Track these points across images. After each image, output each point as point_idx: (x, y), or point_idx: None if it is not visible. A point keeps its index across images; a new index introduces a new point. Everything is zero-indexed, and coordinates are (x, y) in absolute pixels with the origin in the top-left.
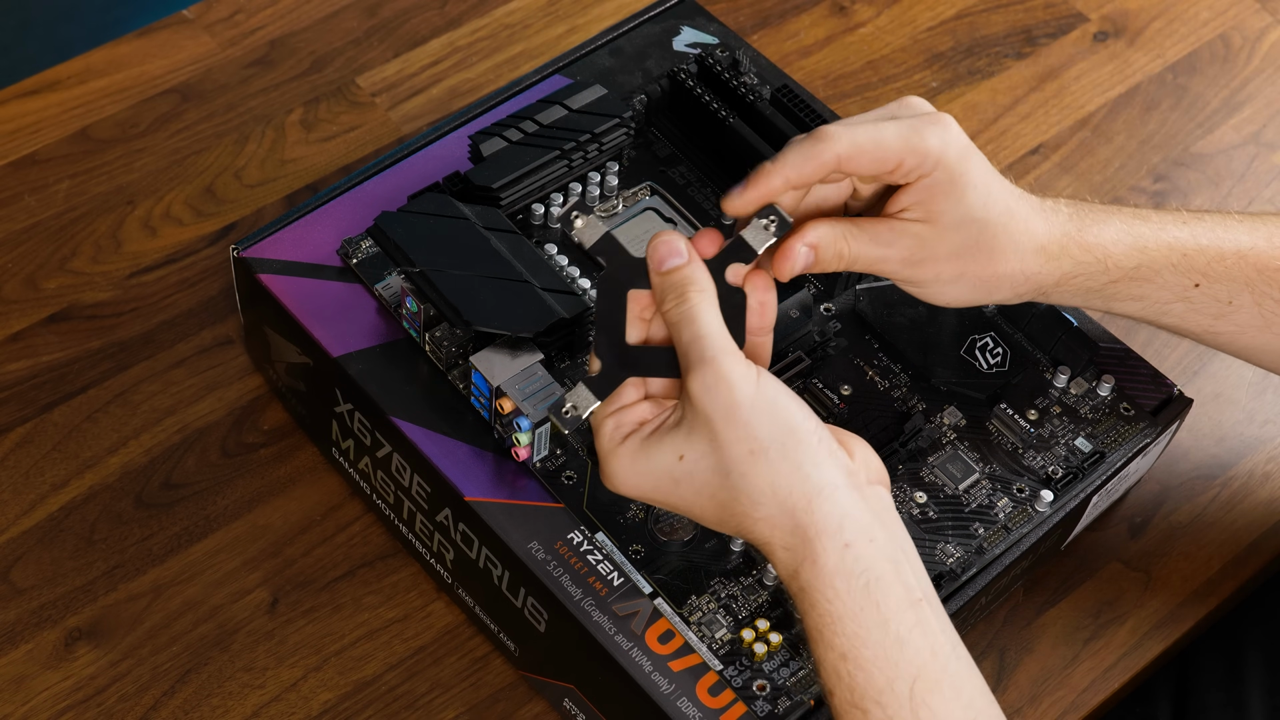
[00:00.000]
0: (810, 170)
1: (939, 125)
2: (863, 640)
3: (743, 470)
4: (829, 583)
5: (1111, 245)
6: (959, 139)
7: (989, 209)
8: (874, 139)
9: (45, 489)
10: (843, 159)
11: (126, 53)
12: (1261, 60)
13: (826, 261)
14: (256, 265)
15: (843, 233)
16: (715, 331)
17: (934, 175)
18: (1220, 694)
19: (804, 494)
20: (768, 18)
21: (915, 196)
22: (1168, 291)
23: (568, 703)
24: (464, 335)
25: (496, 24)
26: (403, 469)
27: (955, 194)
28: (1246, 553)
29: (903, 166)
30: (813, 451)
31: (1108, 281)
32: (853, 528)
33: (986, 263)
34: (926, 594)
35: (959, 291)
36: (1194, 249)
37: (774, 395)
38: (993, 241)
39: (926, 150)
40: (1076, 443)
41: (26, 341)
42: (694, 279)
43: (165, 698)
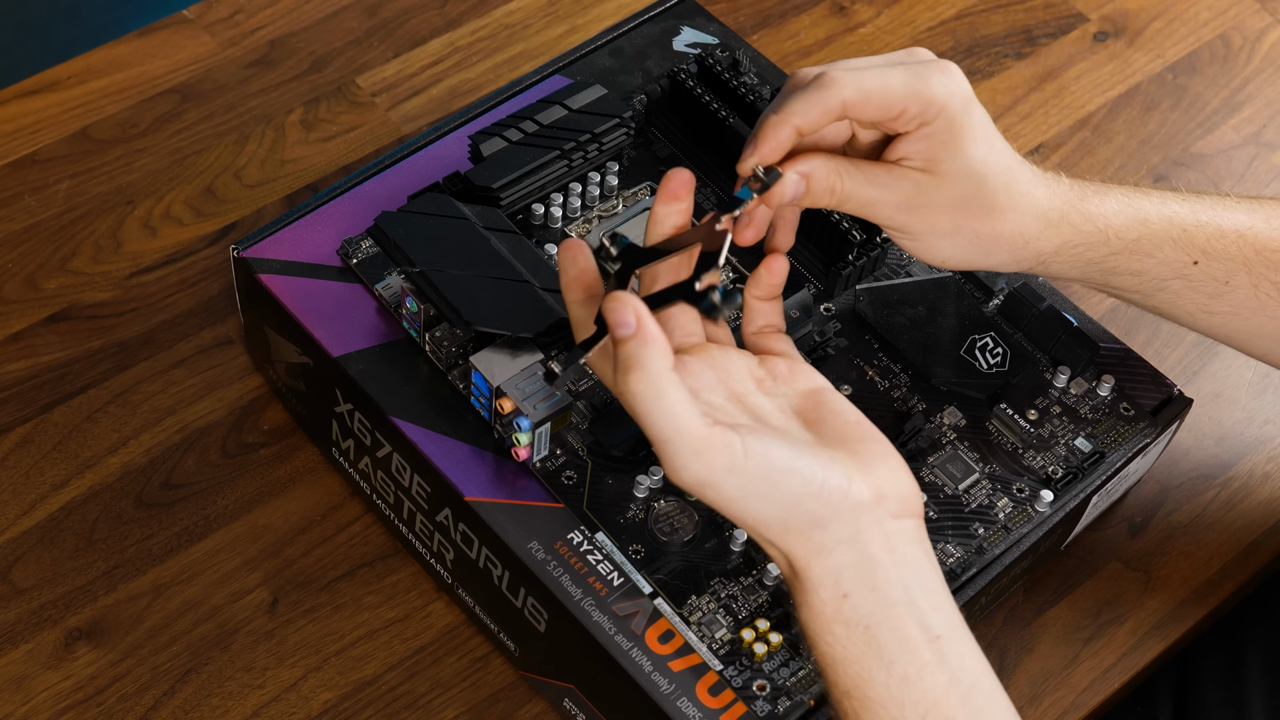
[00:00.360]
0: (816, 117)
1: (944, 73)
2: (867, 681)
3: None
4: (827, 628)
5: (1113, 216)
6: (963, 88)
7: (989, 164)
8: (880, 85)
9: (45, 489)
10: (849, 105)
11: (126, 53)
12: (1261, 60)
13: (818, 194)
14: (256, 265)
15: (837, 167)
16: (674, 406)
17: (936, 123)
18: (1221, 693)
19: (803, 554)
20: (768, 18)
21: (915, 145)
22: (1167, 267)
23: (568, 703)
24: (464, 335)
25: (496, 24)
26: (403, 469)
27: (955, 144)
28: (1246, 553)
29: (906, 113)
30: (817, 515)
31: (1108, 253)
32: (852, 579)
33: (984, 219)
34: (947, 629)
35: (954, 248)
36: (1194, 225)
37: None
38: (991, 198)
39: (931, 96)
40: (1076, 443)
41: (26, 341)
42: (639, 355)
43: (165, 698)
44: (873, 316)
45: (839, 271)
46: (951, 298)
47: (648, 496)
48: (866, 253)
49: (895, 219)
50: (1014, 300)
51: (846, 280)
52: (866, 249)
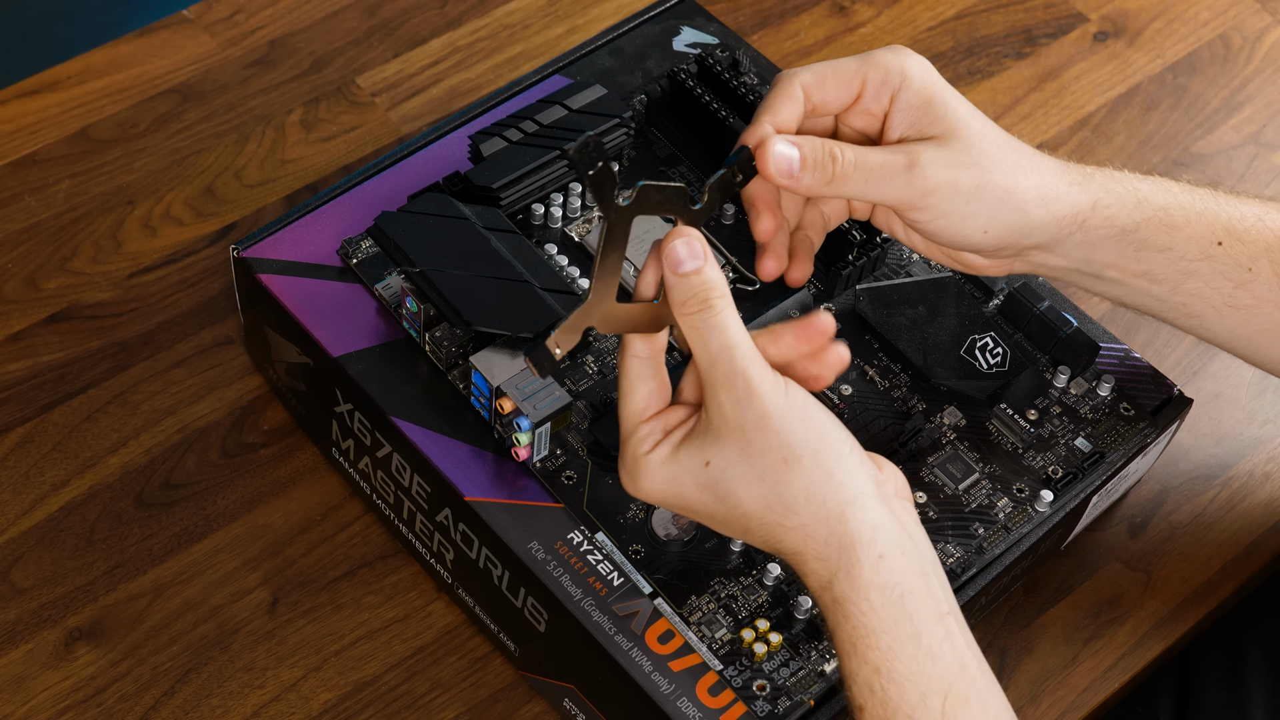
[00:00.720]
0: (784, 109)
1: (891, 49)
2: (896, 654)
3: (775, 478)
4: (864, 594)
5: (1139, 183)
6: (917, 58)
7: (980, 117)
8: (831, 65)
9: (45, 489)
10: (807, 87)
11: (126, 53)
12: (1261, 60)
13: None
14: (256, 265)
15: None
16: (743, 341)
17: (904, 92)
18: (1222, 693)
19: (838, 502)
20: (768, 18)
21: (899, 116)
22: (1194, 245)
23: (568, 703)
24: (464, 335)
25: (496, 24)
26: (403, 469)
27: (935, 103)
28: (1246, 553)
29: (867, 84)
30: (845, 459)
31: (1141, 219)
32: (886, 538)
33: (1001, 171)
34: (952, 608)
35: (986, 209)
36: (1215, 205)
37: (804, 404)
38: (998, 148)
39: (885, 63)
40: (1076, 443)
41: (26, 341)
42: (714, 284)
43: (165, 698)
44: (873, 316)
45: (839, 271)
46: (951, 298)
47: None
48: (866, 253)
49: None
50: (1014, 300)
51: (846, 280)
52: (866, 249)
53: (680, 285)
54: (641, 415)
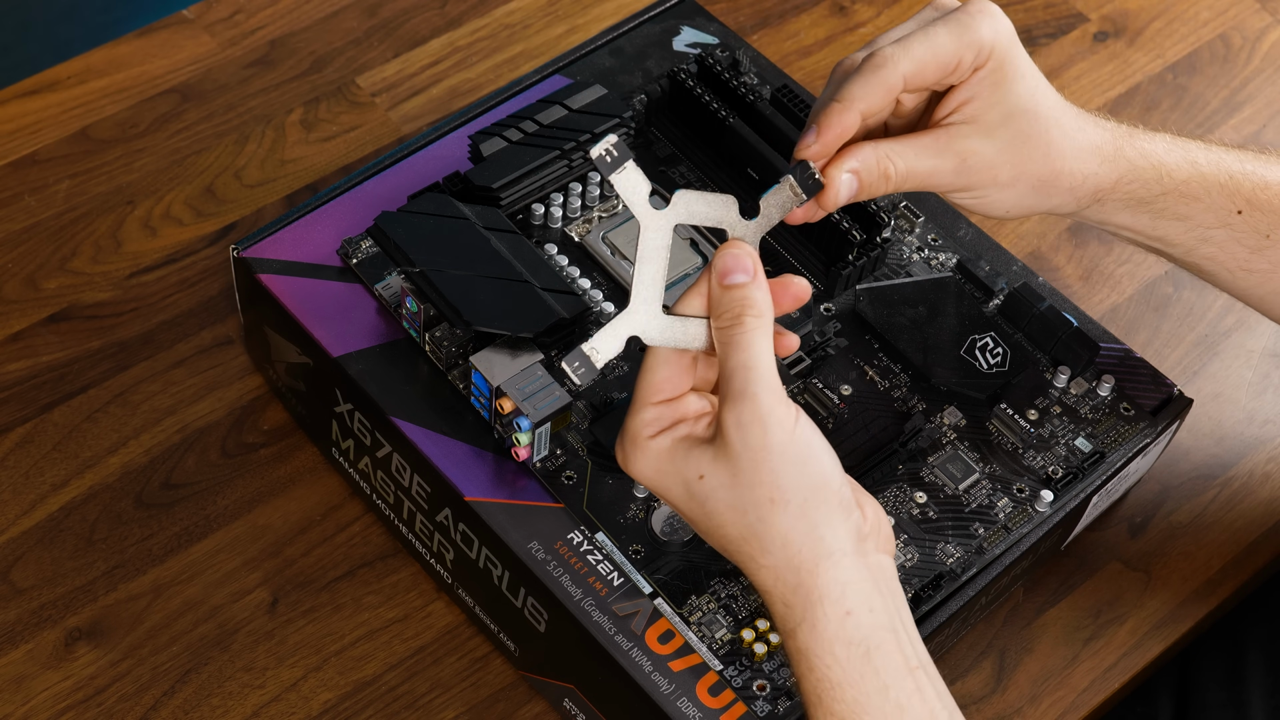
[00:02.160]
0: (880, 97)
1: (987, 15)
2: (863, 707)
3: (759, 515)
4: (829, 649)
5: (1164, 154)
6: (1008, 26)
7: (1038, 99)
8: (930, 49)
9: (45, 489)
10: (909, 78)
11: (126, 53)
12: (1261, 60)
13: (873, 185)
14: (256, 265)
15: (886, 152)
16: (763, 364)
17: (987, 66)
18: (1221, 693)
19: (813, 556)
20: (768, 18)
21: (965, 94)
22: (1212, 214)
23: (568, 703)
24: (464, 335)
25: (496, 24)
26: (403, 469)
27: (1005, 84)
28: (1246, 553)
29: (962, 64)
30: (830, 513)
31: (1160, 192)
32: (855, 595)
33: (1042, 159)
34: (923, 662)
35: (1017, 196)
36: (1240, 173)
37: (807, 444)
38: (1045, 135)
39: (981, 41)
40: (1076, 443)
41: (26, 341)
42: (753, 302)
43: (165, 698)
44: (873, 316)
45: (839, 271)
46: (951, 298)
47: (648, 496)
48: (866, 253)
49: (956, 182)
50: (1014, 300)
51: (846, 280)
52: (866, 249)
53: (722, 296)
54: (654, 396)
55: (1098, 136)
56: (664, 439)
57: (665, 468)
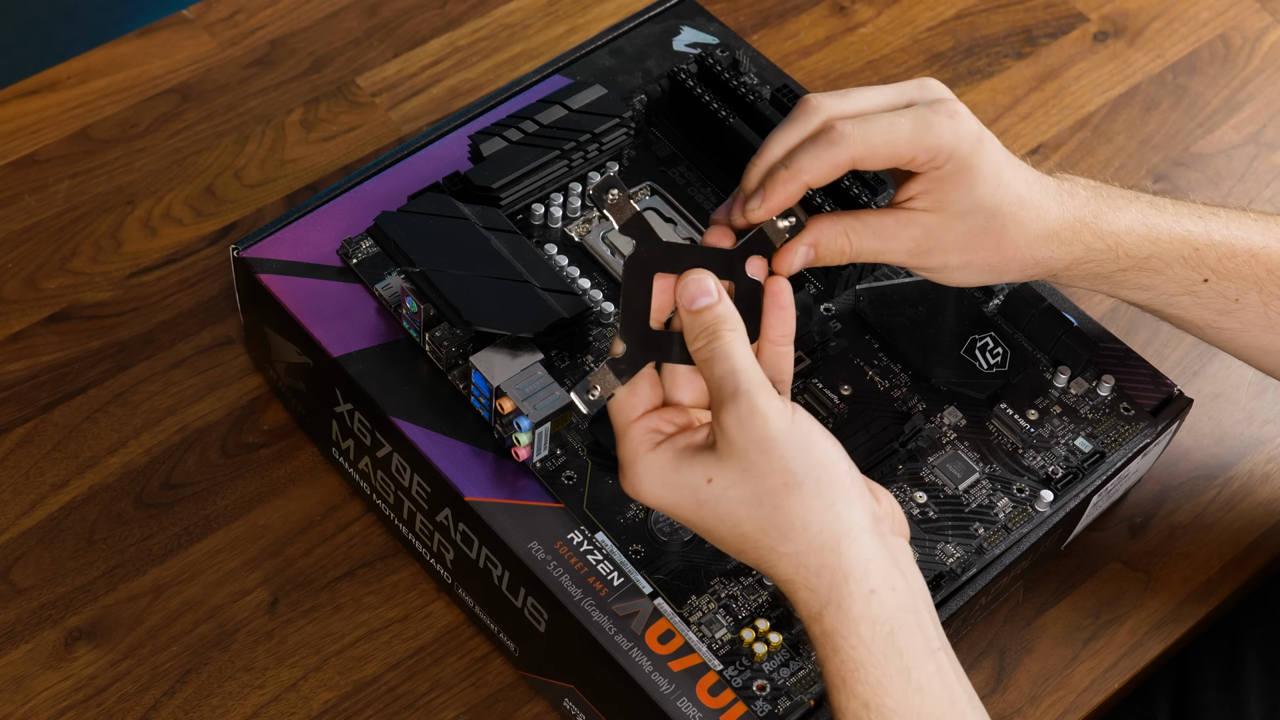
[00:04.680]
0: (825, 173)
1: (951, 118)
2: (885, 689)
3: (775, 503)
4: (854, 628)
5: (1125, 235)
6: (971, 131)
7: (998, 198)
8: (887, 138)
9: (45, 489)
10: (857, 160)
11: (126, 53)
12: (1261, 60)
13: (828, 258)
14: (256, 265)
15: (844, 229)
16: (749, 366)
17: (945, 167)
18: (1219, 693)
19: (834, 534)
20: (768, 18)
21: (924, 185)
22: (1176, 284)
23: (568, 703)
24: (464, 335)
25: (496, 24)
26: (403, 469)
27: (965, 184)
28: (1246, 553)
29: (916, 160)
30: (845, 491)
31: (1117, 269)
32: (878, 574)
33: (995, 250)
34: (943, 644)
35: (967, 276)
36: (1206, 244)
37: (808, 431)
38: (1001, 229)
39: (939, 146)
40: (1076, 443)
41: (26, 341)
42: (725, 318)
43: (165, 698)
44: (873, 316)
45: (839, 271)
46: (951, 298)
47: None
48: None
49: (910, 261)
50: (1014, 300)
51: (846, 280)
52: None
53: (693, 322)
54: (632, 413)
55: (1058, 220)
56: (664, 451)
57: (670, 479)
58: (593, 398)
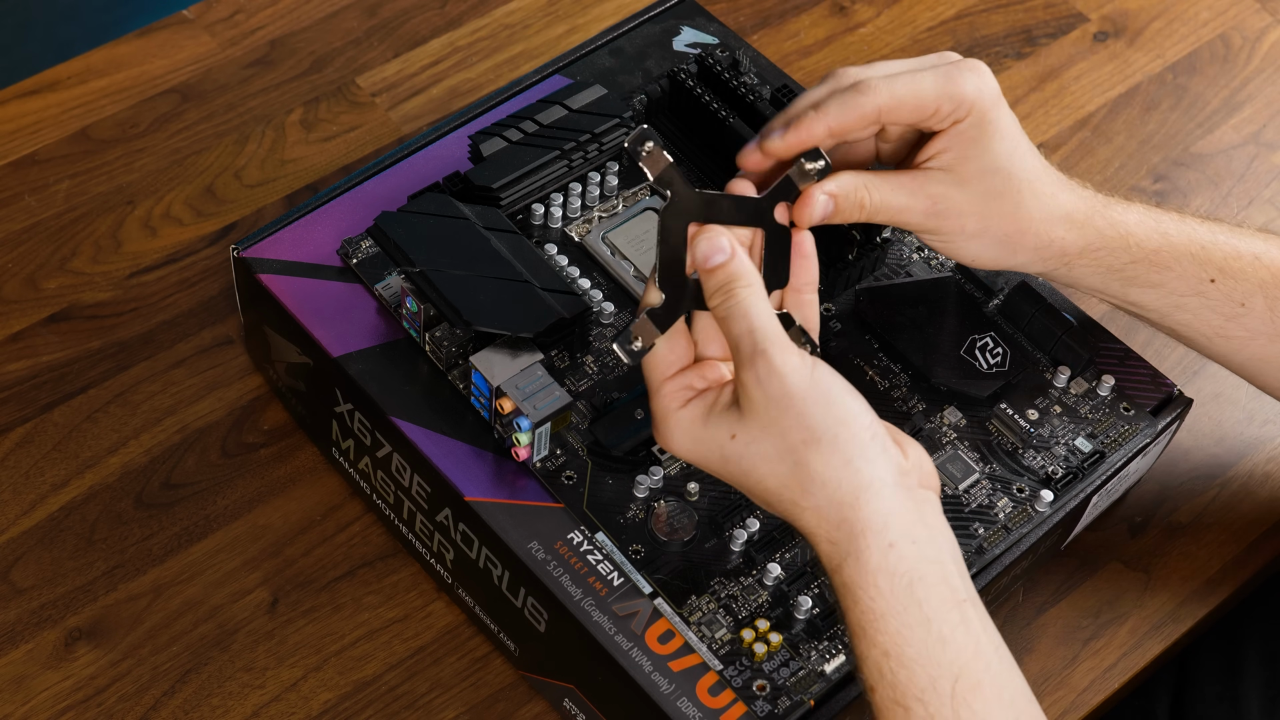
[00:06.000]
0: (851, 121)
1: (974, 71)
2: (905, 639)
3: (795, 458)
4: (872, 580)
5: (1135, 225)
6: (992, 87)
7: (1014, 161)
8: (912, 90)
9: (45, 489)
10: (883, 110)
11: (126, 53)
12: (1261, 60)
13: (847, 211)
14: (256, 265)
15: (864, 182)
16: (766, 323)
17: (966, 120)
18: (1217, 687)
19: (852, 488)
20: (768, 18)
21: (944, 143)
22: (1184, 283)
23: (568, 703)
24: (464, 335)
25: (496, 24)
26: (403, 469)
27: (983, 141)
28: (1246, 553)
29: (940, 112)
30: (865, 446)
31: (1129, 261)
32: (897, 527)
33: (1011, 217)
34: (971, 596)
35: (981, 248)
36: (1211, 243)
37: (828, 386)
38: (1017, 195)
39: (962, 95)
40: (1076, 443)
41: (26, 341)
42: (739, 274)
43: (165, 698)
44: (873, 316)
45: (839, 271)
46: (951, 298)
47: (648, 496)
48: (866, 253)
49: (925, 223)
50: (1014, 300)
51: (846, 280)
52: (866, 249)
53: (709, 279)
54: (667, 371)
55: (1070, 204)
56: (694, 407)
57: (700, 435)
58: (635, 348)
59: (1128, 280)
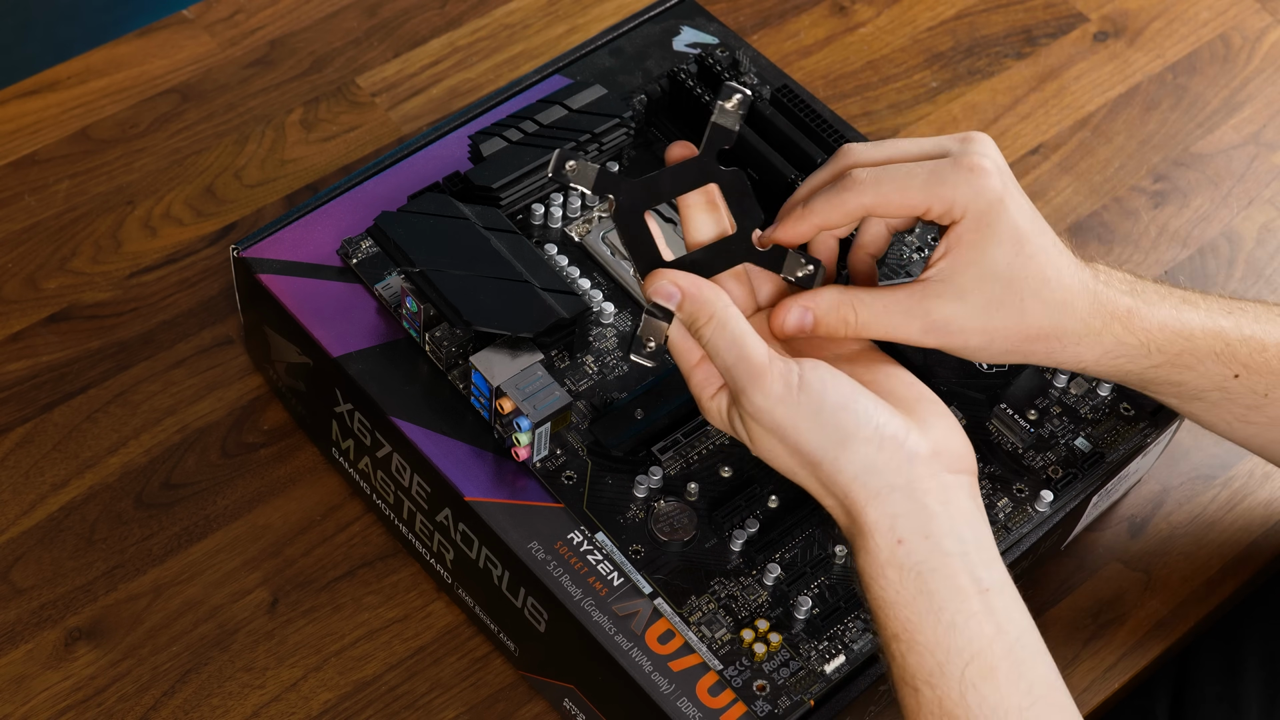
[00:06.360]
0: (838, 218)
1: (970, 171)
2: (915, 625)
3: (805, 474)
4: (881, 572)
5: (1158, 331)
6: (990, 186)
7: (1015, 268)
8: (898, 189)
9: (45, 489)
10: (869, 207)
11: (126, 53)
12: (1261, 60)
13: (831, 327)
14: (256, 265)
15: (851, 300)
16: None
17: (962, 224)
18: (1217, 686)
19: (859, 500)
20: (768, 18)
21: (945, 246)
22: (1207, 380)
23: (568, 703)
24: (464, 335)
25: (496, 24)
26: (403, 469)
27: (981, 245)
28: (1246, 553)
29: (931, 213)
30: (869, 455)
31: (1149, 365)
32: (906, 525)
33: (1016, 329)
34: (997, 584)
35: (992, 355)
36: (1238, 339)
37: (817, 398)
38: (1019, 304)
39: (952, 198)
40: (1076, 443)
41: (26, 341)
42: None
43: (165, 698)
44: None
45: (839, 270)
46: None
47: (648, 496)
48: None
49: (925, 340)
50: None
51: (847, 280)
52: None
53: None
54: (690, 359)
55: (1085, 311)
56: (720, 400)
57: (729, 424)
58: (650, 349)
59: (1148, 380)
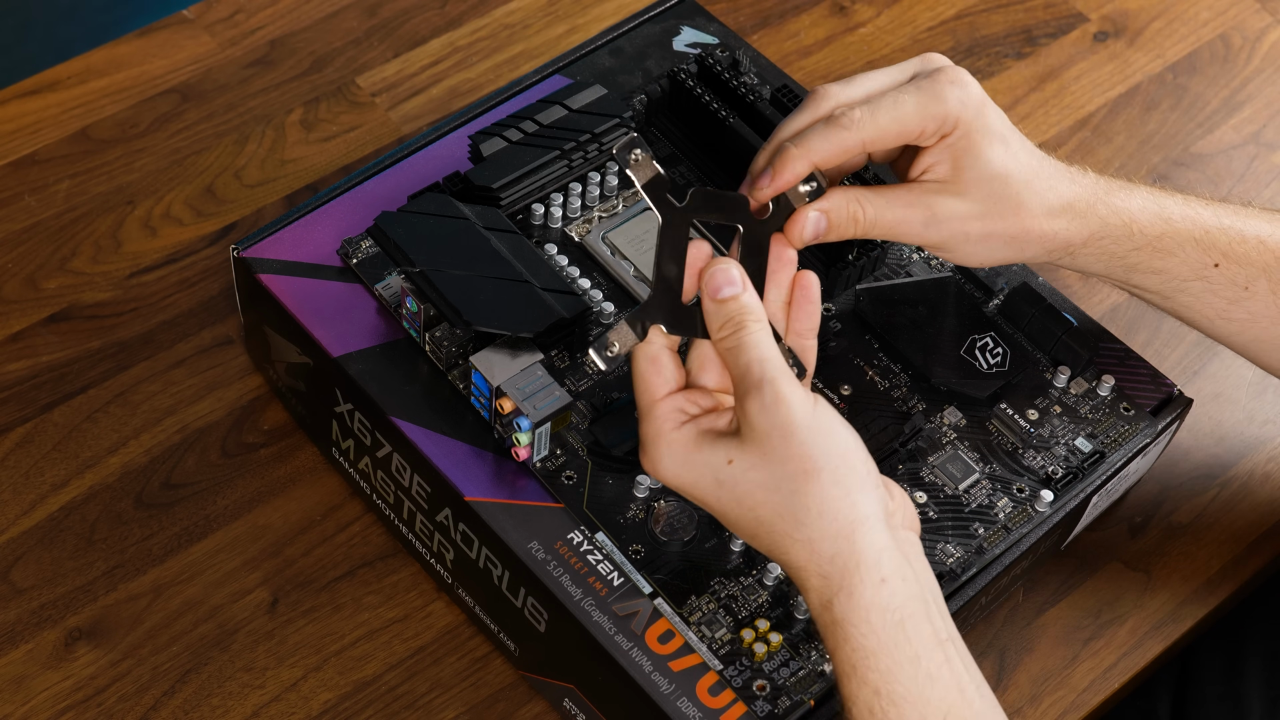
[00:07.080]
0: (834, 154)
1: (955, 84)
2: (895, 677)
3: (793, 488)
4: (864, 616)
5: (1138, 212)
6: (975, 95)
7: (1009, 164)
8: (895, 117)
9: (45, 489)
10: (868, 143)
11: (126, 53)
12: (1261, 60)
13: (841, 227)
14: (256, 265)
15: (856, 196)
16: (773, 356)
17: (954, 134)
18: (1219, 686)
19: (849, 522)
20: (768, 18)
21: (936, 156)
22: (1188, 268)
23: (568, 703)
24: (464, 335)
25: (496, 24)
26: (403, 469)
27: (975, 150)
28: (1246, 553)
29: (925, 132)
30: (862, 481)
31: (1131, 248)
32: (889, 563)
33: (1012, 219)
34: (952, 635)
35: (988, 251)
36: (1216, 227)
37: (830, 421)
38: (1016, 197)
39: (945, 113)
40: (1076, 443)
41: (26, 341)
42: (750, 308)
43: (165, 698)
44: (873, 316)
45: (839, 271)
46: (951, 298)
47: (648, 496)
48: (866, 253)
49: (925, 234)
50: (1014, 300)
51: (846, 280)
52: (866, 249)
53: (717, 311)
54: (658, 392)
55: (1071, 193)
56: (688, 430)
57: (692, 459)
58: (611, 354)
59: (1130, 267)
